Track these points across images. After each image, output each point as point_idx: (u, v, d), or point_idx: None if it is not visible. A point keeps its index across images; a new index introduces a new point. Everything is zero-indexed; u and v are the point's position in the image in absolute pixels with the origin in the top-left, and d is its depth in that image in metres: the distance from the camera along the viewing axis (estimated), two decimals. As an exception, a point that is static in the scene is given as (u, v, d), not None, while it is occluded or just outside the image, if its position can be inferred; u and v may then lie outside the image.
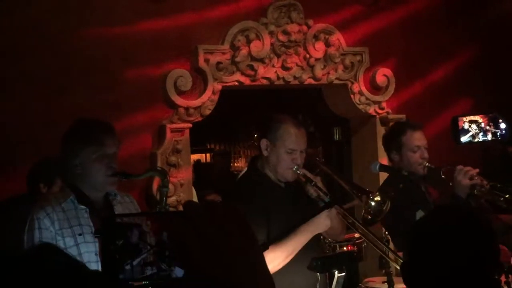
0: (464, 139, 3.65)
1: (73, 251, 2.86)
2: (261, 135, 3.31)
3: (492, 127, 3.63)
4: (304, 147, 3.28)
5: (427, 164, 3.93)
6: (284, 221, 3.14)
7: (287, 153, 3.21)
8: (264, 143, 3.26)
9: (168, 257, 1.15)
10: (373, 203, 3.28)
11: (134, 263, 1.14)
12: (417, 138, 3.98)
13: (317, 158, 3.78)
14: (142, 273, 1.15)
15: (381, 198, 3.27)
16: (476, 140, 3.66)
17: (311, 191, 3.21)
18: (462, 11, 6.11)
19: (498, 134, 3.64)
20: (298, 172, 3.22)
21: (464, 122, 3.65)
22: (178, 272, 1.14)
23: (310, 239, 3.15)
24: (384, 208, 3.28)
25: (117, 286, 1.12)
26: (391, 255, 3.29)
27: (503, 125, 3.57)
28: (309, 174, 3.24)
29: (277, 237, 2.98)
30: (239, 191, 3.38)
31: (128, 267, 1.14)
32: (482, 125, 3.65)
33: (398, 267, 3.14)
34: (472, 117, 3.63)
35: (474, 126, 3.60)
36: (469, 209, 3.49)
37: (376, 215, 3.31)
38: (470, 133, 3.62)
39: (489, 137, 3.68)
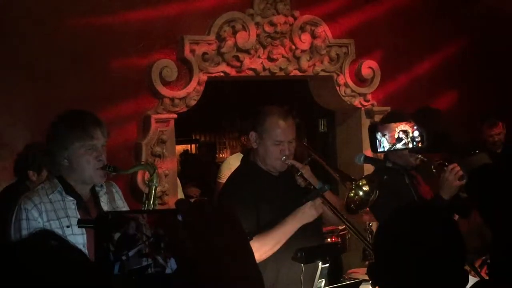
0: (381, 148, 3.56)
1: (60, 243, 2.85)
2: (250, 128, 3.38)
3: (410, 134, 3.55)
4: (292, 137, 3.33)
5: (420, 156, 3.92)
6: (274, 209, 3.21)
7: (275, 144, 3.27)
8: (252, 135, 3.34)
9: (164, 249, 1.15)
10: (361, 193, 3.34)
11: (130, 253, 1.15)
12: None
13: (305, 144, 3.85)
14: (138, 264, 1.15)
15: (369, 188, 3.32)
16: (393, 148, 3.57)
17: (299, 181, 3.26)
18: (449, 4, 6.13)
19: (411, 142, 3.55)
20: (287, 162, 3.28)
21: (382, 130, 3.49)
22: (173, 264, 1.15)
23: (309, 230, 3.20)
24: (371, 198, 3.33)
25: (110, 279, 1.12)
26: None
27: (416, 133, 3.50)
28: (297, 164, 3.29)
29: (264, 227, 3.06)
30: (230, 182, 3.47)
31: (124, 257, 1.15)
32: (400, 133, 3.55)
33: None
34: (394, 124, 3.51)
35: (401, 134, 3.51)
36: (436, 207, 3.49)
37: (361, 205, 3.36)
38: (387, 142, 3.51)
39: (410, 145, 3.59)
